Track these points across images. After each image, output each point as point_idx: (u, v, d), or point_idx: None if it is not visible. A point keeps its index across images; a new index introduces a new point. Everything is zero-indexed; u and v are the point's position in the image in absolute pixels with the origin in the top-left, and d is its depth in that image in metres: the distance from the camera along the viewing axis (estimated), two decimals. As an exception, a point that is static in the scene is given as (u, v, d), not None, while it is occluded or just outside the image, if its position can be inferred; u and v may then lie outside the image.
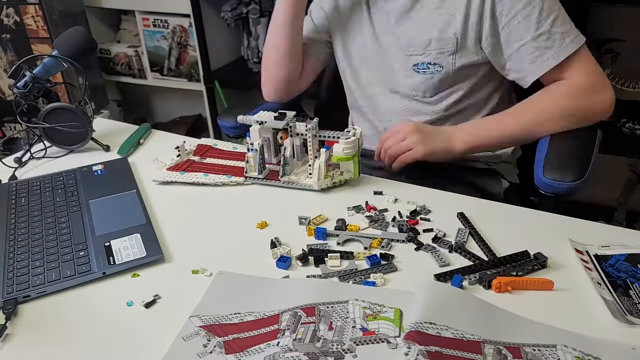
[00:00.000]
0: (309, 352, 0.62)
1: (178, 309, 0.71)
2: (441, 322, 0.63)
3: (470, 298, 0.68)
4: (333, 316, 0.67)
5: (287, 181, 0.98)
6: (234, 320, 0.68)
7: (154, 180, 1.03)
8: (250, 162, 0.99)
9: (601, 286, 0.71)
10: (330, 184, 0.96)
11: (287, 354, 0.61)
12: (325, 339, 0.64)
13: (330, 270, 0.76)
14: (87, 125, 1.14)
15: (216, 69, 2.30)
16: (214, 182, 1.01)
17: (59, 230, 0.88)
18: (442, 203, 0.91)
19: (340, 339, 0.64)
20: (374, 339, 0.64)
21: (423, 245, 0.80)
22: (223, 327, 0.67)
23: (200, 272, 0.78)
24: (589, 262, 0.76)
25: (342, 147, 0.92)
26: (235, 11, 2.21)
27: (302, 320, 0.66)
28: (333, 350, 0.62)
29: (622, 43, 1.83)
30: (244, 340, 0.65)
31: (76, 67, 1.12)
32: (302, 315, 0.67)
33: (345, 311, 0.68)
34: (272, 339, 0.64)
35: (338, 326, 0.66)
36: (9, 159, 1.13)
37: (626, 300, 0.69)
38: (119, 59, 2.47)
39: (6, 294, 0.74)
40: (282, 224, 0.88)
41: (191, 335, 0.66)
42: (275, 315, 0.68)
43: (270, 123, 0.98)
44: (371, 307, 0.68)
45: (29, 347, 0.67)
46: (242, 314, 0.69)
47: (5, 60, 2.23)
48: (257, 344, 0.64)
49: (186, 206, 0.95)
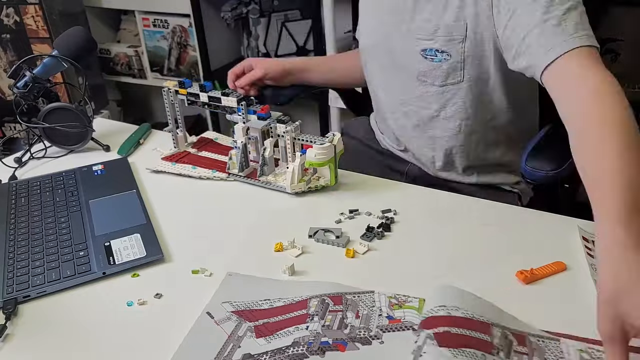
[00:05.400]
0: (337, 337, 0.64)
1: (178, 309, 0.71)
2: (451, 304, 0.64)
3: (481, 300, 0.68)
4: (359, 305, 0.69)
5: (265, 181, 0.98)
6: (264, 306, 0.70)
7: (147, 168, 1.06)
8: (234, 159, 1.01)
9: (597, 271, 0.72)
10: (305, 189, 0.95)
11: (316, 338, 0.63)
12: (352, 326, 0.66)
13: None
14: (87, 125, 1.14)
15: (216, 69, 2.30)
16: (199, 176, 1.03)
17: (59, 230, 0.88)
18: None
19: (367, 326, 0.66)
20: (399, 327, 0.65)
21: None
22: (254, 312, 0.69)
23: (200, 272, 0.78)
24: (593, 250, 0.77)
25: (315, 152, 0.92)
26: (235, 11, 2.21)
27: (329, 307, 0.68)
28: (360, 336, 0.64)
29: (622, 43, 1.83)
30: (274, 324, 0.67)
31: (76, 67, 1.12)
32: (330, 302, 0.69)
33: (372, 300, 0.70)
34: (301, 322, 0.66)
35: (364, 314, 0.68)
36: (9, 159, 1.13)
37: None
38: (119, 59, 2.47)
39: (6, 294, 0.74)
40: (281, 224, 0.88)
41: (224, 320, 0.68)
42: (304, 301, 0.70)
43: (253, 123, 0.99)
44: (396, 296, 0.70)
45: (29, 347, 0.67)
46: (272, 300, 0.71)
47: (5, 60, 2.23)
48: (286, 327, 0.66)
49: (186, 206, 0.95)
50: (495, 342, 0.60)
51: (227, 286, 0.74)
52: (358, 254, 0.80)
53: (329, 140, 0.93)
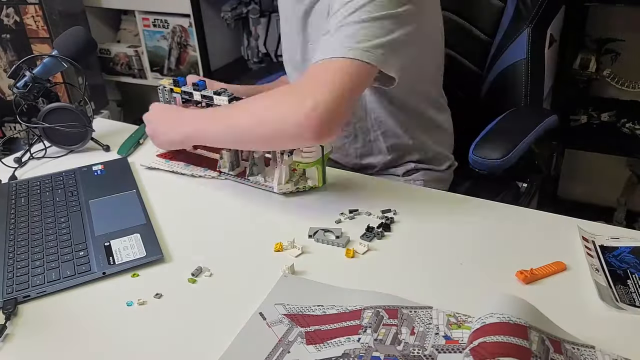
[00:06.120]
0: (389, 354, 0.61)
1: (178, 309, 0.71)
2: (484, 313, 0.59)
3: (515, 298, 0.63)
4: (416, 321, 0.66)
5: (254, 181, 0.99)
6: (317, 312, 0.68)
7: (141, 164, 1.07)
8: (224, 157, 1.01)
9: (598, 272, 0.73)
10: (293, 189, 0.95)
11: (367, 352, 0.61)
12: (406, 343, 0.63)
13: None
14: (87, 125, 1.14)
15: (216, 69, 2.30)
16: (191, 174, 1.03)
17: (59, 230, 0.88)
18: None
19: (422, 344, 0.63)
20: (456, 348, 0.62)
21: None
22: (306, 317, 0.68)
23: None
24: (592, 250, 0.77)
25: (302, 153, 0.92)
26: (235, 11, 2.22)
27: (384, 321, 0.65)
28: (414, 354, 0.61)
29: (622, 43, 1.83)
30: (325, 332, 0.65)
31: (76, 67, 1.12)
32: (385, 315, 0.66)
33: (429, 317, 0.66)
34: (353, 333, 0.64)
35: (420, 331, 0.64)
36: (9, 159, 1.13)
37: (621, 288, 0.70)
38: (119, 59, 2.47)
39: (6, 294, 0.74)
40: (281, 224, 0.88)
41: (276, 322, 0.67)
42: (358, 311, 0.67)
43: None
44: (455, 315, 0.67)
45: (29, 347, 0.67)
46: (325, 307, 0.69)
47: (5, 60, 2.23)
48: (337, 337, 0.64)
49: (186, 206, 0.95)
50: (533, 349, 0.55)
51: (281, 287, 0.73)
52: (358, 254, 0.80)
53: None
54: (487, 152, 1.03)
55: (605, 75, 1.85)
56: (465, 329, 0.64)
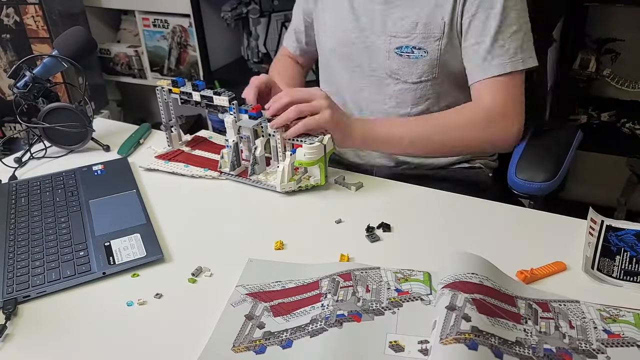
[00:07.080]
0: (351, 309, 0.67)
1: (178, 309, 0.71)
2: (482, 273, 0.67)
3: (502, 272, 0.72)
4: (368, 280, 0.73)
5: (255, 180, 0.99)
6: (276, 288, 0.73)
7: (140, 166, 1.07)
8: (225, 157, 1.01)
9: (590, 246, 0.76)
10: (295, 188, 0.95)
11: (332, 312, 0.66)
12: (364, 299, 0.69)
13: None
14: (87, 125, 1.14)
15: (216, 69, 2.30)
16: (191, 174, 1.03)
17: (59, 230, 0.88)
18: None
19: (378, 298, 0.70)
20: (408, 298, 0.70)
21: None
22: (267, 293, 0.72)
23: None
24: (596, 230, 0.79)
25: (304, 151, 0.92)
26: (235, 11, 2.21)
27: (340, 284, 0.72)
28: (373, 308, 0.68)
29: (622, 43, 1.83)
30: (289, 304, 0.70)
31: (76, 67, 1.12)
32: (340, 280, 0.73)
33: (379, 276, 0.74)
34: (316, 302, 0.70)
35: (374, 288, 0.71)
36: (9, 159, 1.13)
37: (606, 261, 0.73)
38: (119, 59, 2.47)
39: (6, 294, 0.74)
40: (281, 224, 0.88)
41: (239, 302, 0.71)
42: (315, 282, 0.73)
43: (244, 122, 0.99)
44: (401, 271, 0.75)
45: (29, 347, 0.67)
46: (283, 282, 0.74)
47: (5, 60, 2.23)
48: (302, 307, 0.69)
49: (187, 206, 0.95)
50: (522, 313, 0.65)
51: (245, 272, 0.77)
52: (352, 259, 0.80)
53: (319, 140, 0.93)
54: (532, 174, 0.98)
55: (605, 75, 1.85)
56: (412, 281, 0.73)
